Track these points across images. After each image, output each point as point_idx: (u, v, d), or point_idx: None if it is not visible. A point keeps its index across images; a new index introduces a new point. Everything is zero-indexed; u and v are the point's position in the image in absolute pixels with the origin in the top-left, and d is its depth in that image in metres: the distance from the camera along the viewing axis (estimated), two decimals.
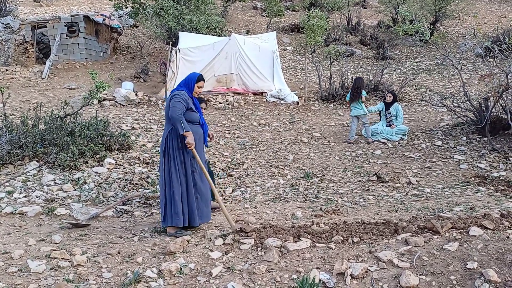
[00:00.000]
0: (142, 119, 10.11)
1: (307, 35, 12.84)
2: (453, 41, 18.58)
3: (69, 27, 16.04)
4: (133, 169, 6.90)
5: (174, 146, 4.42)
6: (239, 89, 13.07)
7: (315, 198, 5.97)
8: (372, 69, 14.63)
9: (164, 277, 3.47)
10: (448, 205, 5.13)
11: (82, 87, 13.39)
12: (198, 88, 4.61)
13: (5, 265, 3.63)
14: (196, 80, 4.57)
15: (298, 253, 3.78)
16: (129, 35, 20.06)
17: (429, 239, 3.85)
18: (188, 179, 4.47)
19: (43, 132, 7.05)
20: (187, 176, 4.46)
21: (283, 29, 21.09)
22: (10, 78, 14.04)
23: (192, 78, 4.58)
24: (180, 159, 4.43)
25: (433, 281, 3.28)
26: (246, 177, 6.93)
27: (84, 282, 3.38)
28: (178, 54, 12.86)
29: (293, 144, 8.77)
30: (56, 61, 15.69)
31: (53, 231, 4.57)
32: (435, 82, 14.08)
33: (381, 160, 7.64)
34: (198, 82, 4.59)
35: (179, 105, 4.35)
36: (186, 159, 4.46)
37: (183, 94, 4.46)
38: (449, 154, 7.70)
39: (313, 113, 11.50)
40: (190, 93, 4.59)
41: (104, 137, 7.38)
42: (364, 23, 21.60)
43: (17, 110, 10.16)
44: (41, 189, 5.89)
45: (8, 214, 5.10)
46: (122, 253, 3.94)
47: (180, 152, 4.43)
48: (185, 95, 4.47)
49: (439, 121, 9.80)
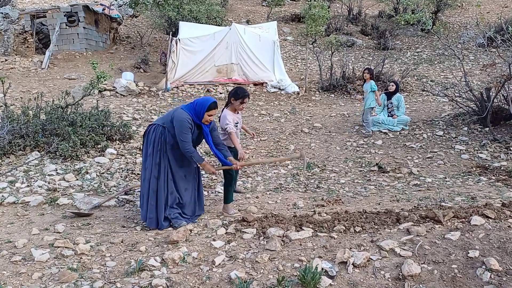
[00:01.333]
0: (143, 109, 10.09)
1: (308, 25, 12.77)
2: (454, 31, 18.48)
3: (69, 17, 15.95)
4: (134, 159, 6.90)
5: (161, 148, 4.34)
6: (240, 80, 13.03)
7: (317, 188, 5.98)
8: (373, 59, 14.57)
9: (168, 265, 3.49)
10: (450, 195, 5.15)
11: (82, 77, 13.35)
12: (209, 117, 4.31)
13: (9, 254, 3.65)
14: (206, 109, 4.25)
15: (300, 242, 3.80)
16: (128, 25, 19.95)
17: (430, 229, 3.87)
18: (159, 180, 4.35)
19: (44, 122, 7.04)
20: (158, 177, 4.35)
21: (283, 19, 20.96)
22: (10, 68, 13.98)
23: (203, 107, 4.26)
24: (156, 161, 4.34)
25: (435, 269, 3.30)
26: (247, 167, 6.92)
27: (88, 271, 3.40)
28: (178, 44, 12.80)
29: (294, 135, 8.77)
30: (56, 51, 15.61)
31: (56, 220, 4.58)
32: (437, 72, 14.04)
33: (382, 150, 7.65)
34: (209, 110, 4.27)
35: (187, 138, 4.22)
36: (162, 162, 4.35)
37: (189, 121, 4.25)
38: (450, 144, 7.70)
39: (314, 104, 11.48)
40: (198, 119, 4.33)
41: (105, 127, 7.37)
42: (365, 13, 21.48)
43: (18, 100, 10.14)
44: (43, 179, 5.90)
45: (10, 204, 5.11)
46: (125, 242, 3.95)
47: (159, 154, 4.33)
48: (190, 121, 4.26)
49: (440, 111, 9.79)
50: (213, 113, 4.32)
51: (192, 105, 4.37)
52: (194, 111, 4.31)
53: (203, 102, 4.30)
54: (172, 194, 4.39)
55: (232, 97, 4.99)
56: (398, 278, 3.22)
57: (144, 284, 3.20)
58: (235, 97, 4.97)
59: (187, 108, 4.36)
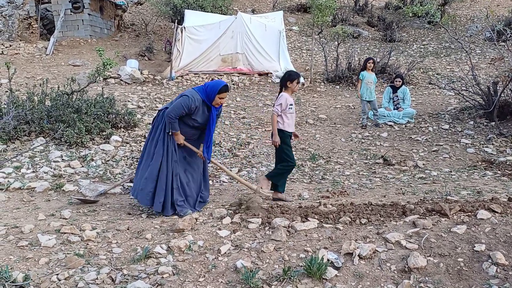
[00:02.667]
0: (147, 97, 10.08)
1: (315, 15, 12.67)
2: (461, 24, 18.32)
3: (74, 3, 15.86)
4: (139, 147, 6.90)
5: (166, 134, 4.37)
6: (245, 69, 12.97)
7: (321, 180, 5.97)
8: (379, 51, 14.47)
9: (174, 253, 3.50)
10: (455, 189, 5.13)
11: (87, 64, 13.31)
12: (220, 99, 4.39)
13: (15, 239, 3.67)
14: (218, 91, 4.33)
15: (306, 233, 3.80)
16: (133, 12, 19.84)
17: (437, 222, 3.86)
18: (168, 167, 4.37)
19: (49, 109, 7.04)
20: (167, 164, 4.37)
21: (289, 9, 20.80)
22: (14, 54, 13.97)
23: (215, 89, 4.34)
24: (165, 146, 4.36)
25: (440, 262, 3.30)
26: (252, 157, 6.93)
27: (95, 257, 3.42)
28: (183, 33, 12.73)
29: (299, 126, 8.74)
30: (60, 37, 15.56)
31: (62, 206, 4.60)
32: (443, 65, 13.94)
33: (387, 142, 7.62)
34: (220, 93, 4.35)
35: (178, 109, 4.24)
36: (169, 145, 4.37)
37: (194, 102, 4.27)
38: (456, 138, 7.67)
39: (319, 95, 11.43)
40: (208, 101, 4.38)
41: (110, 114, 7.36)
42: (371, 4, 21.29)
43: (22, 86, 10.13)
44: (48, 165, 5.91)
45: (16, 189, 5.13)
46: (131, 229, 3.97)
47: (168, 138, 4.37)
48: (196, 102, 4.29)
49: (446, 104, 9.74)
50: (224, 96, 4.41)
51: (204, 87, 4.42)
52: (206, 93, 4.36)
53: (215, 85, 4.36)
54: (177, 180, 4.40)
55: (288, 81, 4.86)
56: (404, 271, 3.22)
57: (150, 271, 3.22)
58: (291, 79, 4.85)
59: (198, 89, 4.42)
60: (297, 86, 5.00)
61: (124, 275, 3.16)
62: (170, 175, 4.35)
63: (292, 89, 4.94)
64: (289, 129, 4.93)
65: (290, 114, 4.92)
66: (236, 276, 3.19)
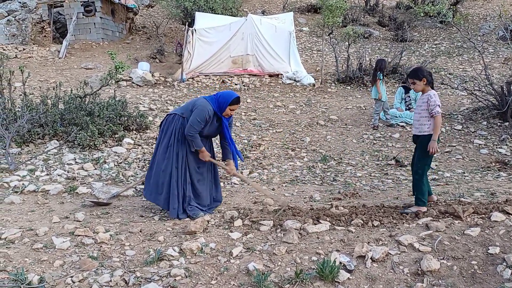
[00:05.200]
0: (159, 99, 10.14)
1: (325, 16, 12.63)
2: (474, 23, 18.12)
3: (86, 6, 16.04)
4: (150, 149, 6.95)
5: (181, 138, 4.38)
6: (255, 71, 12.98)
7: (333, 181, 5.96)
8: (391, 51, 14.38)
9: (186, 255, 3.52)
10: (469, 190, 5.08)
11: (99, 67, 13.44)
12: (230, 111, 4.39)
13: (30, 241, 3.72)
14: (230, 103, 4.32)
15: (318, 236, 3.80)
16: (144, 15, 19.99)
17: (450, 224, 3.84)
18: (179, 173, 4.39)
19: (62, 112, 7.13)
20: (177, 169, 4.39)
21: (299, 10, 20.76)
22: (27, 57, 14.15)
23: (227, 101, 4.32)
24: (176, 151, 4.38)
25: (454, 265, 3.28)
26: (263, 159, 6.93)
27: (108, 259, 3.45)
28: (194, 35, 12.78)
29: (310, 127, 8.73)
30: (73, 40, 15.74)
31: (76, 209, 4.65)
32: (455, 65, 13.80)
33: (399, 143, 7.57)
34: (232, 105, 4.34)
35: (198, 126, 4.25)
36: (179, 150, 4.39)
37: (208, 113, 4.28)
38: (469, 138, 7.59)
39: (330, 96, 11.39)
40: (219, 112, 4.38)
41: (122, 117, 7.43)
42: (382, 4, 21.16)
43: (36, 89, 10.26)
44: (62, 167, 5.99)
45: (31, 192, 5.20)
46: (143, 231, 4.00)
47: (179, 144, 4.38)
48: (209, 113, 4.29)
49: (459, 105, 9.64)
50: (235, 108, 4.41)
51: (215, 97, 4.41)
52: (217, 103, 4.36)
53: (227, 96, 4.35)
54: (189, 184, 4.42)
55: (425, 78, 4.29)
56: (417, 273, 3.21)
57: (163, 273, 3.24)
58: (429, 78, 4.31)
59: (210, 99, 4.40)
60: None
61: (137, 278, 3.18)
62: (181, 182, 4.38)
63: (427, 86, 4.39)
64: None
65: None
66: (248, 278, 3.20)
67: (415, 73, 4.36)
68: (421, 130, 4.33)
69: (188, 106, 4.41)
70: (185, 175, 4.40)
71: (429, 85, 4.34)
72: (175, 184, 4.35)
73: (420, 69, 4.47)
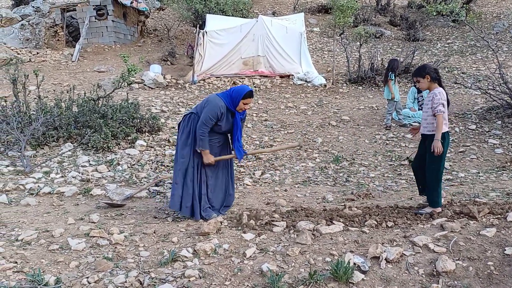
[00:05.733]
0: (171, 102, 10.20)
1: (336, 16, 12.59)
2: (487, 22, 17.91)
3: (98, 10, 16.20)
4: (163, 151, 7.00)
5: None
6: (266, 72, 12.98)
7: (346, 182, 5.93)
8: (403, 51, 14.27)
9: (199, 256, 3.53)
10: (484, 190, 5.02)
11: (111, 70, 13.56)
12: (244, 105, 4.37)
13: (46, 242, 3.77)
14: (243, 96, 4.31)
15: (331, 236, 3.79)
16: (155, 18, 20.13)
17: (465, 225, 3.80)
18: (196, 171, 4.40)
19: (76, 115, 7.21)
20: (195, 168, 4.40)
21: (309, 10, 20.73)
22: (41, 61, 14.33)
23: (240, 95, 4.32)
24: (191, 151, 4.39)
25: (470, 266, 3.24)
26: (275, 160, 6.93)
27: (123, 260, 3.48)
28: (205, 37, 12.83)
29: (322, 127, 8.71)
30: (86, 44, 15.90)
31: (90, 210, 4.70)
32: (468, 64, 13.65)
33: (412, 144, 7.51)
34: (245, 98, 4.33)
35: (209, 123, 4.26)
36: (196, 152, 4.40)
37: (219, 109, 4.29)
38: (483, 138, 7.50)
39: (342, 96, 11.35)
40: (232, 107, 4.38)
41: (135, 119, 7.49)
42: (393, 3, 21.02)
43: (50, 93, 10.39)
44: (76, 169, 6.05)
45: (46, 194, 5.27)
46: (157, 232, 4.02)
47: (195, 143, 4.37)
48: (221, 109, 4.30)
49: (472, 104, 9.54)
50: (248, 102, 4.39)
51: (229, 92, 4.43)
52: (230, 98, 4.37)
53: (239, 90, 4.36)
54: (204, 186, 4.44)
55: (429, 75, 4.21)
56: (432, 274, 3.18)
57: (177, 274, 3.26)
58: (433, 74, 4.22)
59: (223, 95, 4.43)
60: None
61: (151, 278, 3.21)
62: (196, 181, 4.40)
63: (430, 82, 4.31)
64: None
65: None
66: (262, 279, 3.20)
67: (418, 71, 4.31)
68: (429, 129, 4.22)
69: (202, 104, 4.44)
70: (201, 175, 4.42)
71: (435, 82, 4.24)
72: (190, 183, 4.37)
73: (423, 66, 4.38)
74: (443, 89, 4.26)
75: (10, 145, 6.66)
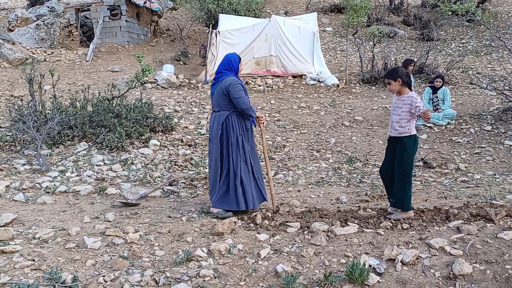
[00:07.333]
0: (184, 101, 10.24)
1: (349, 16, 12.54)
2: (503, 21, 17.67)
3: (112, 10, 16.33)
4: (176, 150, 7.03)
5: (235, 131, 4.46)
6: (278, 72, 12.97)
7: (359, 183, 5.90)
8: (416, 51, 14.16)
9: (214, 256, 3.54)
10: (500, 193, 4.96)
11: (125, 70, 13.66)
12: (240, 67, 4.67)
13: (63, 241, 3.81)
14: (239, 59, 4.61)
15: (346, 238, 3.77)
16: (168, 18, 20.23)
17: (482, 227, 3.75)
18: (247, 163, 4.51)
19: (91, 114, 7.28)
20: (246, 160, 4.51)
21: (322, 10, 20.65)
22: (56, 61, 14.49)
23: (236, 59, 4.58)
24: (239, 144, 4.47)
25: (487, 269, 3.20)
26: (288, 160, 6.92)
27: (138, 259, 3.51)
28: (218, 37, 12.87)
29: (335, 128, 8.67)
30: (99, 44, 16.04)
31: (106, 209, 4.74)
32: (483, 64, 13.49)
33: (427, 145, 7.44)
34: (240, 61, 4.63)
35: (245, 96, 4.43)
36: (244, 144, 4.50)
37: (237, 79, 4.48)
38: (499, 139, 7.41)
39: (355, 96, 11.29)
40: (236, 75, 4.57)
41: (148, 119, 7.54)
42: (407, 3, 20.86)
43: (64, 92, 10.49)
44: (91, 168, 6.11)
45: (62, 193, 5.33)
46: (172, 232, 4.04)
47: (240, 137, 4.47)
48: (239, 80, 4.49)
49: (488, 105, 9.42)
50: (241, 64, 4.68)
51: (227, 66, 4.56)
52: (233, 69, 4.56)
53: (231, 57, 4.59)
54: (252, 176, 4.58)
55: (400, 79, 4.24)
56: (449, 277, 3.15)
57: (192, 274, 3.27)
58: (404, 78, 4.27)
59: (226, 71, 4.56)
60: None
61: (167, 278, 3.22)
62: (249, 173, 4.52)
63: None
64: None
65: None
66: (276, 280, 3.20)
67: (390, 73, 4.34)
68: (401, 132, 4.26)
69: (219, 96, 4.48)
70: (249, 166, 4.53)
71: (405, 86, 4.28)
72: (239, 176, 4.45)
73: (395, 69, 4.43)
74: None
75: (27, 144, 6.75)
